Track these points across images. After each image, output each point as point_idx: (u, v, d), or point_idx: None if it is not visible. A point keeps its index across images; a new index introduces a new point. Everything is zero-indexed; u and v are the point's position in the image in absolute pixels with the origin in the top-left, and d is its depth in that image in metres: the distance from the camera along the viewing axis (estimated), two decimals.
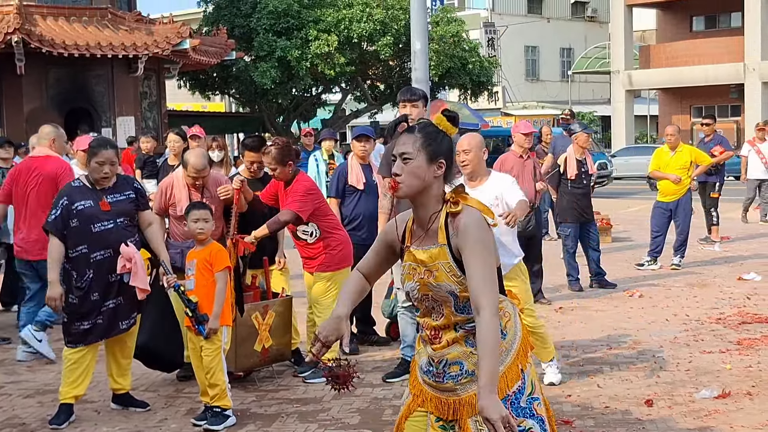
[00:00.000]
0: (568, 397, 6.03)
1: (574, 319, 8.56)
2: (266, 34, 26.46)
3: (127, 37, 19.46)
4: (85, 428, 5.77)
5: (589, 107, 46.66)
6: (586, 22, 50.17)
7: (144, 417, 5.95)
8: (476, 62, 29.42)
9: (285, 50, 26.04)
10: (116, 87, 20.12)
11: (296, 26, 26.56)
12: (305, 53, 26.17)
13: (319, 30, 26.25)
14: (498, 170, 9.33)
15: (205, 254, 5.66)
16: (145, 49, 19.25)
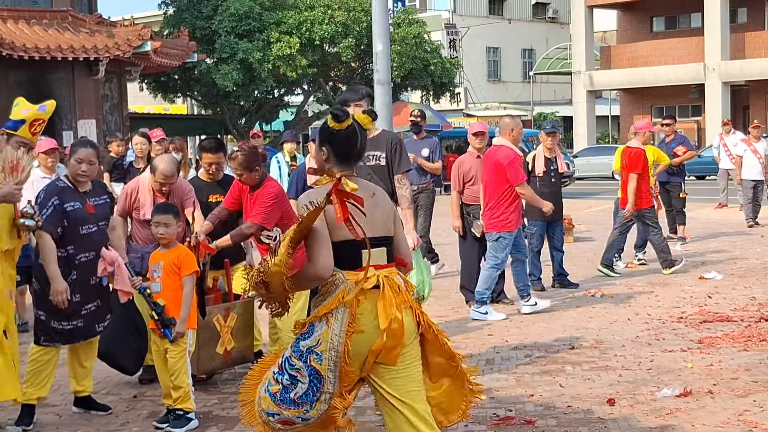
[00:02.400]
0: (531, 397, 6.06)
1: (536, 319, 8.61)
2: (228, 36, 26.36)
3: (87, 40, 19.28)
4: None
5: (550, 108, 47.03)
6: (548, 23, 50.52)
7: (105, 420, 5.91)
8: (438, 63, 29.53)
9: (247, 52, 25.97)
10: (77, 90, 19.91)
11: (258, 28, 26.49)
12: (267, 55, 26.11)
13: (280, 32, 26.21)
14: (456, 171, 9.46)
15: (173, 257, 5.63)
16: (105, 52, 19.09)
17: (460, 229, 9.37)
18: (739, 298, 9.21)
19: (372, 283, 3.87)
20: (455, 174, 9.41)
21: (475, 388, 4.27)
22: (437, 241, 13.69)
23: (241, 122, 30.38)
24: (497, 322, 8.52)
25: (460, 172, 9.38)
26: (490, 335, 8.00)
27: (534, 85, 46.43)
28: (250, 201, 6.63)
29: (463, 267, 9.50)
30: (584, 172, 30.63)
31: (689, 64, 36.50)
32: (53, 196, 5.69)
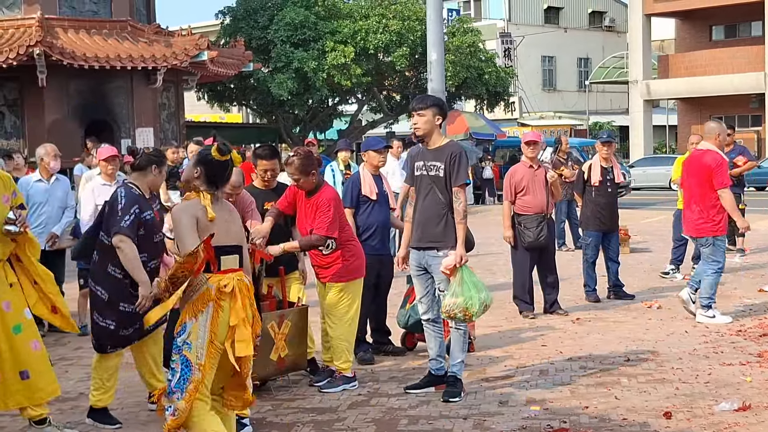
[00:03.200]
0: (586, 409, 5.99)
1: (591, 330, 8.51)
2: (283, 45, 26.55)
3: (146, 49, 19.58)
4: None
5: (606, 117, 46.57)
6: (604, 31, 50.08)
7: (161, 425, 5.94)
8: (492, 72, 29.42)
9: (302, 61, 26.13)
10: (135, 98, 20.25)
11: (313, 38, 26.65)
12: (322, 64, 26.25)
13: (335, 41, 26.33)
14: (508, 181, 9.42)
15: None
16: (163, 61, 19.37)
17: (512, 239, 9.31)
18: None
19: (228, 284, 4.73)
20: (507, 184, 9.35)
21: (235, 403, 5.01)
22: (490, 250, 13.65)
23: (295, 131, 30.59)
24: (552, 333, 8.44)
25: (512, 182, 9.33)
26: (544, 346, 7.92)
27: (590, 94, 46.03)
28: (306, 206, 6.66)
29: (516, 277, 9.44)
30: (641, 182, 30.25)
31: (749, 74, 35.86)
32: (134, 205, 5.79)
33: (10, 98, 19.40)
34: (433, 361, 6.59)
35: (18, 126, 19.41)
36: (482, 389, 6.58)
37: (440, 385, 6.46)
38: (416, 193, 6.55)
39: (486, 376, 6.98)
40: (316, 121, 30.95)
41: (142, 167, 6.03)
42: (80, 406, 6.47)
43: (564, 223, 14.73)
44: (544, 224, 9.21)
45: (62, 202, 9.06)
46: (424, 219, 6.44)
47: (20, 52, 17.57)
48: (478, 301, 6.17)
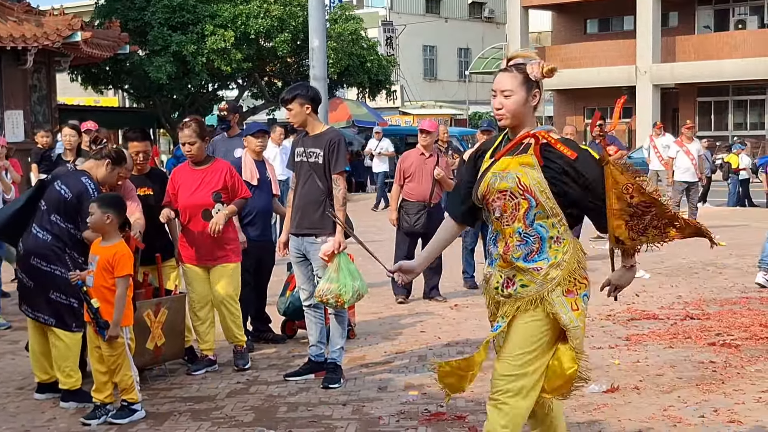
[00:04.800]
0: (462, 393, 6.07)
1: (468, 316, 8.65)
2: (161, 28, 25.97)
3: (15, 29, 18.82)
4: None
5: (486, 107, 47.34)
6: (484, 22, 50.89)
7: (31, 416, 5.78)
8: (374, 61, 29.50)
9: (180, 45, 25.63)
10: (4, 80, 19.43)
11: (192, 21, 26.16)
12: (201, 48, 25.81)
13: (215, 25, 25.92)
14: (399, 165, 9.52)
15: (108, 254, 5.50)
16: (34, 41, 18.66)
17: (395, 222, 9.43)
18: (666, 297, 9.38)
19: None
20: (398, 168, 9.50)
21: None
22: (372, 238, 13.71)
23: (174, 116, 29.98)
24: (430, 319, 8.54)
25: (402, 167, 9.47)
26: (423, 332, 8.01)
27: (470, 84, 46.75)
28: (194, 177, 6.65)
29: (394, 259, 9.50)
30: None
31: (621, 67, 37.07)
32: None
33: None
34: (313, 347, 6.58)
35: None
36: (362, 375, 6.61)
37: (320, 372, 6.46)
38: (296, 178, 6.52)
39: (366, 362, 7.01)
40: (195, 107, 30.38)
41: (98, 159, 6.00)
42: None
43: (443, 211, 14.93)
44: (424, 212, 9.31)
45: None
46: (303, 205, 6.42)
47: None
48: (351, 289, 6.18)
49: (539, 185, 3.80)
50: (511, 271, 3.91)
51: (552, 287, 3.85)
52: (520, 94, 3.90)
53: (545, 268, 3.85)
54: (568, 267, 3.89)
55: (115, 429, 5.51)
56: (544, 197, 3.80)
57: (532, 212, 3.83)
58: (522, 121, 3.92)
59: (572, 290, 3.90)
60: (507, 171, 3.86)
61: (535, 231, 3.85)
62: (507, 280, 3.93)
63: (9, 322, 8.49)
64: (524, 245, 3.87)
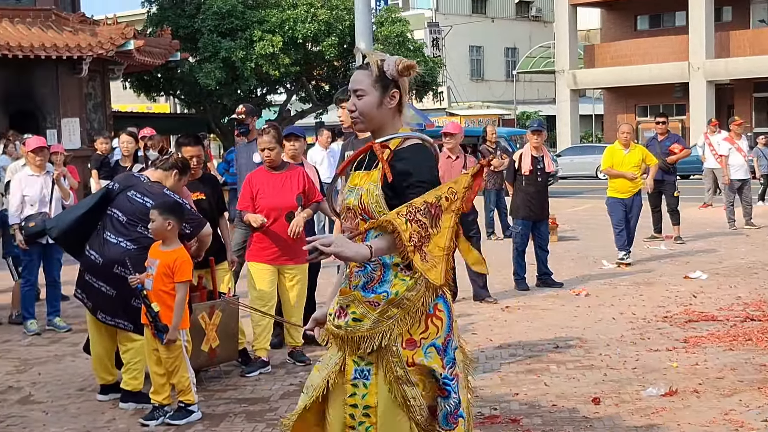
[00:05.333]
0: (516, 396, 6.06)
1: (520, 318, 8.62)
2: (211, 34, 26.24)
3: (71, 39, 19.17)
4: (33, 428, 5.69)
5: (534, 107, 47.13)
6: (531, 21, 50.60)
7: (92, 417, 5.89)
8: (421, 62, 29.48)
9: (229, 51, 25.86)
10: (61, 88, 19.81)
11: (240, 27, 26.38)
12: (250, 54, 26.01)
13: (263, 31, 26.11)
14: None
15: (169, 259, 5.59)
16: (89, 51, 18.99)
17: None
18: (724, 298, 9.24)
19: None
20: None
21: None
22: None
23: (223, 121, 30.26)
24: (482, 321, 8.52)
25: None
26: (474, 334, 8.00)
27: (517, 84, 46.53)
28: (274, 181, 6.81)
29: None
30: (568, 171, 30.68)
31: (674, 63, 36.59)
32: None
33: None
34: None
35: None
36: None
37: None
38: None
39: None
40: None
41: (165, 169, 6.13)
42: (8, 399, 6.35)
43: (493, 212, 14.89)
44: None
45: None
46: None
47: None
48: None
49: (377, 204, 3.27)
50: (347, 299, 3.33)
51: (388, 329, 3.23)
52: (374, 94, 3.35)
53: (382, 304, 3.24)
54: (411, 305, 3.24)
55: (173, 430, 5.60)
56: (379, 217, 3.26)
57: (371, 234, 3.23)
58: (381, 126, 3.37)
59: (414, 339, 3.26)
60: (357, 186, 3.36)
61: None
62: (340, 310, 3.36)
63: (69, 324, 8.65)
64: (363, 271, 3.29)
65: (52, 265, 8.75)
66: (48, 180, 8.63)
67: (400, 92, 3.35)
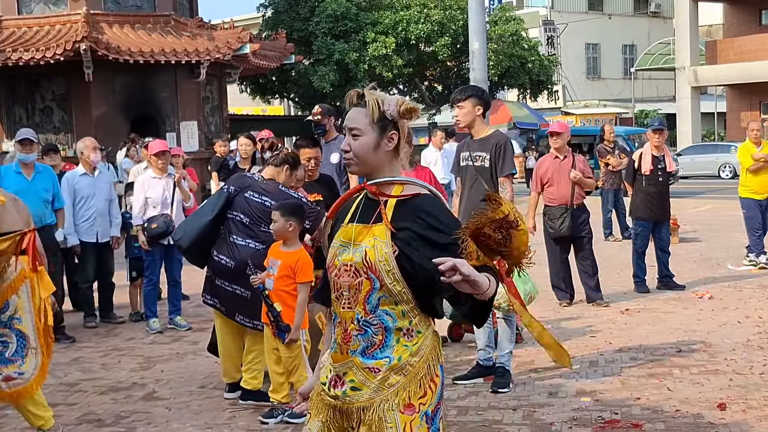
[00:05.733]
0: (637, 400, 5.90)
1: (641, 321, 8.39)
2: (324, 37, 26.56)
3: (189, 43, 19.69)
4: (157, 424, 5.83)
5: (653, 105, 46.00)
6: (650, 17, 49.43)
7: (213, 414, 5.99)
8: (536, 61, 29.20)
9: (343, 53, 26.12)
10: (179, 92, 20.37)
11: (354, 29, 26.62)
12: (363, 56, 26.22)
13: (376, 32, 26.28)
14: (535, 172, 9.39)
15: (291, 260, 5.64)
16: (207, 55, 19.46)
17: (533, 229, 9.26)
18: None
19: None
20: (535, 175, 9.38)
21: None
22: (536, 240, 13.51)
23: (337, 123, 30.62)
24: (601, 324, 8.33)
25: (538, 173, 9.34)
26: (593, 337, 7.82)
27: (635, 81, 45.49)
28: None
29: (550, 266, 9.42)
30: (689, 170, 29.83)
31: None
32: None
33: (58, 93, 19.62)
34: (481, 351, 6.54)
35: (66, 120, 19.63)
36: (531, 380, 6.52)
37: (489, 376, 6.41)
38: (462, 183, 6.52)
39: (535, 366, 6.90)
40: None
41: (276, 165, 6.17)
42: (133, 395, 6.53)
43: (611, 213, 14.57)
44: (566, 216, 9.11)
45: (108, 194, 9.16)
46: (471, 209, 6.38)
47: (67, 47, 17.74)
48: (522, 293, 6.15)
49: (386, 263, 2.94)
50: (343, 366, 3.01)
51: (388, 397, 2.95)
52: (371, 136, 3.03)
53: (384, 371, 2.96)
54: (415, 372, 2.98)
55: (292, 428, 5.64)
56: (390, 279, 2.95)
57: (374, 295, 2.97)
58: (376, 169, 3.06)
59: (413, 404, 2.98)
60: (359, 242, 3.01)
61: (378, 319, 2.97)
62: (336, 378, 3.03)
63: (189, 323, 8.85)
64: (363, 335, 2.99)
65: (173, 265, 8.97)
66: (169, 182, 8.85)
67: (398, 134, 3.06)
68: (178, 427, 5.77)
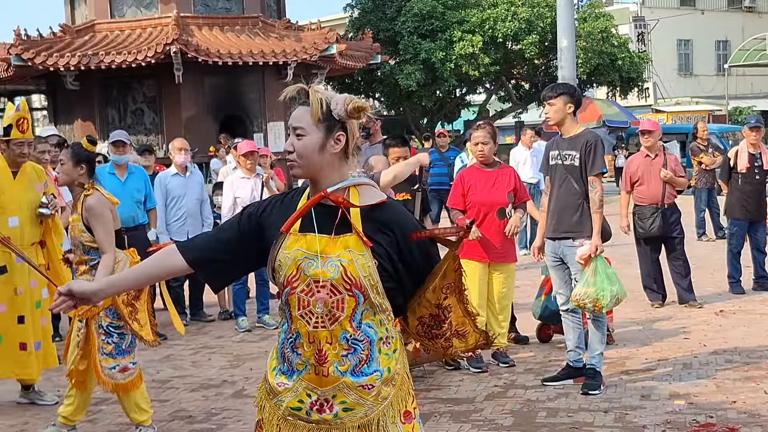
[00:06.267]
0: (733, 403, 5.73)
1: (736, 323, 8.15)
2: (411, 36, 26.53)
3: (277, 45, 19.90)
4: (247, 421, 5.88)
5: (747, 102, 44.71)
6: (744, 12, 48.06)
7: None
8: (626, 58, 28.64)
9: (429, 52, 26.06)
10: (267, 93, 20.59)
11: (440, 28, 26.52)
12: (449, 54, 26.10)
13: (463, 31, 26.13)
14: (625, 171, 9.22)
15: None
16: (294, 56, 19.63)
17: (626, 229, 9.10)
18: None
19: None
20: (625, 173, 9.26)
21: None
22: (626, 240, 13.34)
23: (423, 122, 30.57)
24: (694, 325, 8.12)
25: (628, 172, 9.20)
26: (687, 339, 7.63)
27: (729, 78, 44.29)
28: (485, 178, 6.90)
29: (641, 267, 9.26)
30: None
31: None
32: None
33: (149, 95, 20.04)
34: (571, 352, 6.44)
35: (156, 122, 20.04)
36: (622, 382, 6.39)
37: (579, 378, 6.31)
38: (551, 182, 6.44)
39: (626, 368, 6.77)
40: (443, 112, 30.84)
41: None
42: (223, 393, 6.62)
43: (704, 212, 14.22)
44: (657, 215, 8.92)
45: (199, 194, 9.30)
46: (560, 208, 6.32)
47: (158, 50, 18.11)
48: (609, 294, 6.06)
49: (371, 278, 2.78)
50: (332, 390, 2.81)
51: (384, 411, 2.84)
52: (316, 136, 2.82)
53: (377, 385, 2.82)
54: (401, 380, 2.90)
55: None
56: (374, 292, 2.79)
57: (359, 311, 2.80)
58: (321, 172, 2.84)
59: (409, 411, 2.91)
60: (327, 254, 2.78)
61: (364, 334, 2.81)
62: (321, 403, 2.82)
63: (277, 322, 8.94)
64: (353, 354, 2.81)
65: None
66: (258, 182, 8.95)
67: (346, 135, 2.83)
68: None
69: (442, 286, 2.85)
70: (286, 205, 2.91)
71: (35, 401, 6.52)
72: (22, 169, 6.40)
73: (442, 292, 2.86)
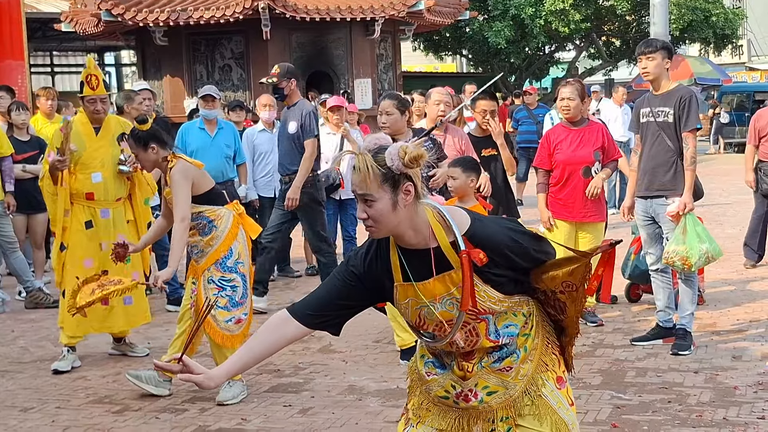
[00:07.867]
0: None
1: None
2: None
3: (364, 1, 19.84)
4: (334, 375, 5.98)
5: None
6: None
7: (388, 368, 6.06)
8: (720, 14, 27.77)
9: (519, 8, 25.67)
10: (354, 50, 20.57)
11: None
12: (539, 11, 25.68)
13: None
14: (752, 125, 8.96)
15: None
16: (381, 12, 19.54)
17: (752, 184, 8.90)
18: None
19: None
20: (752, 127, 9.03)
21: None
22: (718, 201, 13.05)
23: (510, 80, 30.23)
24: None
25: (756, 126, 8.97)
26: None
27: None
28: (572, 136, 6.79)
29: (750, 223, 9.06)
30: None
31: None
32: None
33: (236, 51, 20.20)
34: (661, 312, 6.36)
35: (244, 78, 20.21)
36: (713, 343, 6.28)
37: (668, 338, 6.23)
38: (642, 140, 6.31)
39: (717, 329, 6.65)
40: (531, 70, 30.43)
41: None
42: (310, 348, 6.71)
43: None
44: None
45: None
46: (653, 167, 6.20)
47: (246, 6, 18.20)
48: (698, 252, 5.94)
49: (489, 299, 2.81)
50: (472, 381, 2.93)
51: (525, 386, 2.91)
52: (385, 198, 2.70)
53: (516, 365, 2.91)
54: (541, 347, 2.95)
55: None
56: (499, 306, 2.83)
57: (492, 324, 2.86)
58: (401, 226, 2.75)
59: (561, 377, 2.96)
60: (441, 295, 2.79)
61: (507, 335, 2.89)
62: (465, 393, 2.94)
63: None
64: (499, 352, 2.91)
65: (348, 220, 9.11)
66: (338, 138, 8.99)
67: (413, 183, 2.71)
68: (355, 379, 5.88)
69: (563, 281, 2.82)
70: (382, 258, 2.87)
71: (126, 353, 6.66)
72: (104, 125, 6.38)
73: (561, 285, 2.84)
